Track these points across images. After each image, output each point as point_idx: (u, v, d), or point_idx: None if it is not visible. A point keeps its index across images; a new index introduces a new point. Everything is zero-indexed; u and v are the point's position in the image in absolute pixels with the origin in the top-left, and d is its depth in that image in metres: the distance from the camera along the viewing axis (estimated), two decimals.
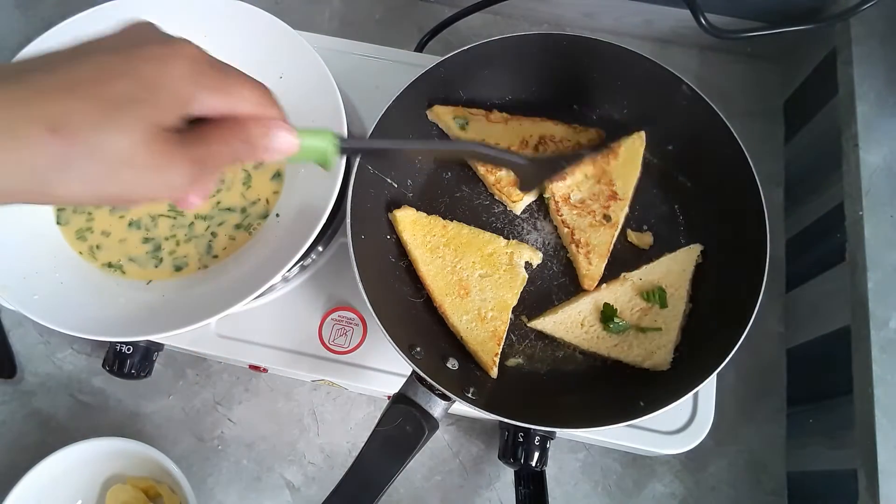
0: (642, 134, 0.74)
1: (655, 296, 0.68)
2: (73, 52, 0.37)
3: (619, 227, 0.72)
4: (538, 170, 0.62)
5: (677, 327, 0.67)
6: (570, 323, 0.68)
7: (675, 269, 0.69)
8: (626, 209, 0.72)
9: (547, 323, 0.68)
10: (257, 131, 0.41)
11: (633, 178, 0.73)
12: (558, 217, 0.72)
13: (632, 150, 0.73)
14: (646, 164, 0.75)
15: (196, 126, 0.39)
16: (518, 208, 0.74)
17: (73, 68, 0.36)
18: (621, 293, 0.69)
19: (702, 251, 0.71)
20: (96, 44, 0.38)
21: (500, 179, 0.73)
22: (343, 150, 0.46)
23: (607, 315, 0.67)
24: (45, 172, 0.35)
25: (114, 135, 0.35)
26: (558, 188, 0.72)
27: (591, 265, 0.70)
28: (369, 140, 0.48)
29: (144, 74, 0.36)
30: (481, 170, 0.74)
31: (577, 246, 0.70)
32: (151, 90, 0.36)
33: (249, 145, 0.41)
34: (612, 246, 0.71)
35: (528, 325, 0.69)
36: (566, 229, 0.71)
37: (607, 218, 0.71)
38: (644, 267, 0.70)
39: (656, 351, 0.66)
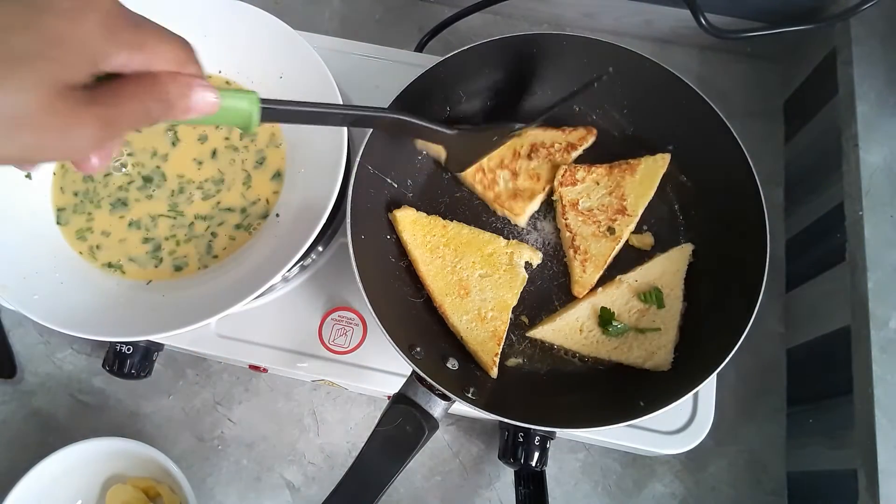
0: (667, 156, 0.73)
1: (652, 296, 0.68)
2: None
3: (622, 241, 0.71)
4: (467, 143, 0.57)
5: (675, 327, 0.67)
6: (568, 330, 0.68)
7: (670, 268, 0.69)
8: (632, 226, 0.72)
9: (545, 331, 0.68)
10: (175, 89, 0.38)
11: (646, 198, 0.72)
12: (563, 220, 0.72)
13: (651, 170, 0.73)
14: None
15: (106, 82, 0.36)
16: (522, 221, 0.73)
17: None
18: (618, 296, 0.69)
19: (695, 250, 0.71)
20: None
21: (499, 195, 0.73)
22: (265, 114, 0.44)
23: (605, 319, 0.67)
24: None
25: (12, 94, 0.32)
26: (568, 192, 0.72)
27: (585, 273, 0.70)
28: (291, 103, 0.46)
29: (50, 27, 0.33)
30: (479, 188, 0.73)
31: (575, 252, 0.70)
32: (57, 45, 0.33)
33: (165, 104, 0.38)
34: (610, 259, 0.70)
35: (527, 334, 0.69)
36: (568, 234, 0.71)
37: (611, 231, 0.71)
38: (639, 268, 0.70)
39: (656, 351, 0.66)
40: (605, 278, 0.70)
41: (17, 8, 0.33)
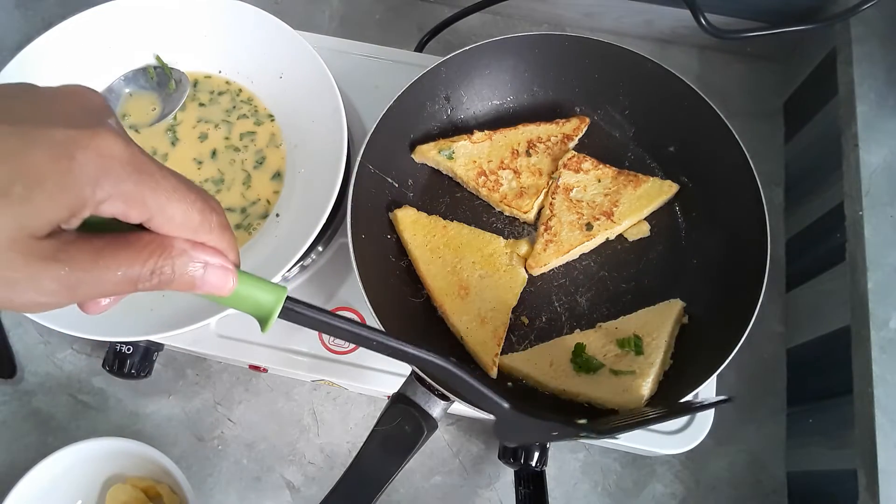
0: (675, 186, 0.72)
1: (631, 343, 0.65)
2: None
3: (594, 243, 0.71)
4: (520, 422, 0.49)
5: (653, 375, 0.63)
6: (538, 360, 0.66)
7: (654, 320, 0.67)
8: (611, 234, 0.71)
9: (515, 360, 0.66)
10: (178, 264, 0.32)
11: (637, 215, 0.71)
12: (550, 198, 0.72)
13: (654, 191, 0.72)
14: (646, 166, 0.75)
15: (91, 236, 0.30)
16: (531, 216, 0.73)
17: None
18: (594, 339, 0.67)
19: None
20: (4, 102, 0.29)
21: (505, 195, 0.73)
22: (287, 314, 0.38)
23: (577, 353, 0.65)
24: None
25: None
26: (569, 176, 0.72)
27: (545, 252, 0.69)
28: (321, 312, 0.39)
29: (32, 163, 0.28)
30: (483, 191, 0.73)
31: (545, 229, 0.70)
32: (32, 185, 0.28)
33: (159, 278, 0.32)
34: (573, 251, 0.70)
35: (495, 359, 0.66)
36: (548, 211, 0.71)
37: (589, 226, 0.70)
38: (621, 318, 0.68)
39: (628, 390, 0.62)
40: (585, 325, 0.69)
41: (7, 136, 0.28)
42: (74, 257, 0.30)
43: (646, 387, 0.62)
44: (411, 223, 0.70)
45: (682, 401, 0.60)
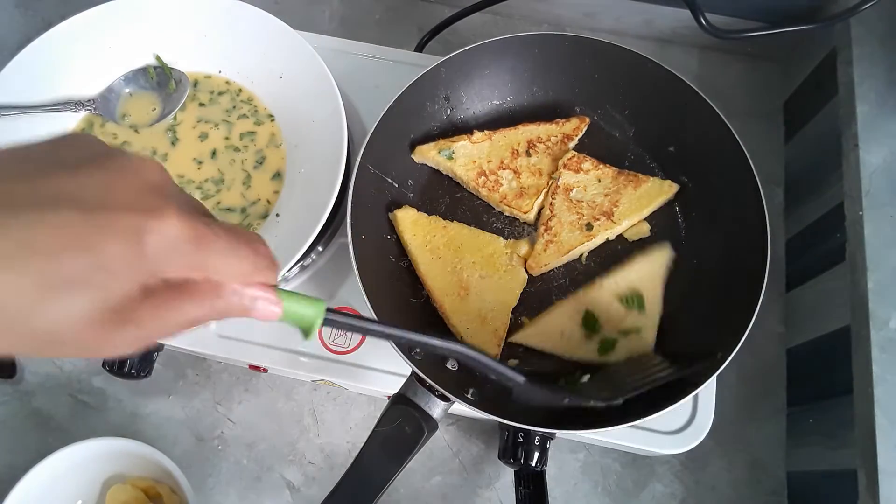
0: (675, 186, 0.73)
1: (634, 301, 0.67)
2: (36, 185, 0.30)
3: (595, 243, 0.71)
4: (535, 394, 0.55)
5: (655, 328, 0.67)
6: (549, 333, 0.67)
7: (650, 271, 0.69)
8: (611, 234, 0.72)
9: (527, 335, 0.68)
10: (233, 302, 0.36)
11: (637, 215, 0.71)
12: (550, 198, 0.72)
13: (654, 191, 0.72)
14: (646, 166, 0.75)
15: (154, 292, 0.33)
16: (531, 217, 0.73)
17: (30, 224, 0.29)
18: (598, 298, 0.68)
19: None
20: (66, 178, 0.31)
21: (505, 195, 0.73)
22: (328, 322, 0.42)
23: (591, 321, 0.67)
24: None
25: (51, 319, 0.30)
26: (569, 176, 0.72)
27: (545, 252, 0.70)
28: (358, 319, 0.44)
29: (109, 253, 0.30)
30: (483, 191, 0.73)
31: (545, 230, 0.70)
32: (110, 273, 0.30)
33: (216, 314, 0.36)
34: (573, 251, 0.70)
35: (510, 340, 0.68)
36: (548, 212, 0.71)
37: (589, 227, 0.71)
38: (620, 271, 0.69)
39: (635, 350, 0.66)
40: (585, 280, 0.70)
41: (77, 225, 0.30)
42: (142, 317, 0.32)
43: (650, 347, 0.66)
44: (411, 223, 0.70)
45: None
